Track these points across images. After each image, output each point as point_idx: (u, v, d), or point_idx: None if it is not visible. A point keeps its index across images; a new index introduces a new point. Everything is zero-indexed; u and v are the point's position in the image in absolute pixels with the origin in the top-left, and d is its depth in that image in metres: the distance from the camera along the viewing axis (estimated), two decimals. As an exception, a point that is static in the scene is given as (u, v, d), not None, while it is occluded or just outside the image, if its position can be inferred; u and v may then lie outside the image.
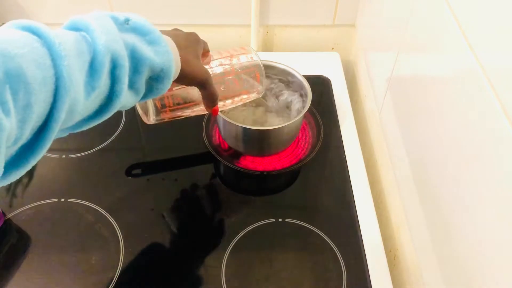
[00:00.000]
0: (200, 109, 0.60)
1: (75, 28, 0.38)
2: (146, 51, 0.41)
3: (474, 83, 0.42)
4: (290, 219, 0.67)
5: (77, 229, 0.65)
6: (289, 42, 1.01)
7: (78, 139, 0.78)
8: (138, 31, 0.42)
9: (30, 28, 0.33)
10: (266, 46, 1.02)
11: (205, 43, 0.56)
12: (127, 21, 0.41)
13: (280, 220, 0.67)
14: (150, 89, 0.44)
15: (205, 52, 0.57)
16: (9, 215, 0.66)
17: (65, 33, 0.36)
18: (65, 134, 0.39)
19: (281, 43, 1.01)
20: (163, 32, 0.46)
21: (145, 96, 0.44)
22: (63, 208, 0.68)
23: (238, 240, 0.64)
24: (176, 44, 0.46)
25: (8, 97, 0.29)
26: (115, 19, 0.41)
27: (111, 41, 0.37)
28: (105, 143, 0.77)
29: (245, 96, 0.64)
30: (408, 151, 0.62)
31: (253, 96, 0.65)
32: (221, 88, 0.61)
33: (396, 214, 0.69)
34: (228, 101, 0.63)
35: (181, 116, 0.60)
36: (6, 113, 0.28)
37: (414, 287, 0.61)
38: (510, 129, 0.36)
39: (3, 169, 0.30)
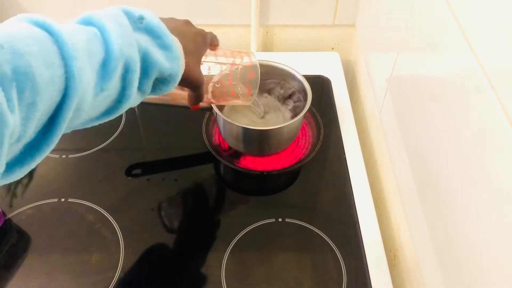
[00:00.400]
0: (182, 102, 0.61)
1: (88, 23, 0.38)
2: (157, 55, 0.41)
3: (474, 83, 0.42)
4: (290, 219, 0.67)
5: (77, 229, 0.65)
6: (289, 42, 1.01)
7: (78, 139, 0.78)
8: (151, 32, 0.41)
9: (43, 25, 0.33)
10: (266, 46, 1.02)
11: (213, 38, 0.56)
12: (141, 19, 0.41)
13: (280, 220, 0.67)
14: (154, 88, 0.44)
15: (214, 46, 0.57)
16: (9, 215, 0.66)
17: (78, 31, 0.36)
18: (68, 131, 0.39)
19: (281, 43, 1.01)
20: (173, 28, 0.46)
21: (148, 94, 0.44)
22: (63, 208, 0.68)
23: (238, 240, 0.64)
24: (183, 46, 0.45)
25: (14, 95, 0.29)
26: (129, 15, 0.40)
27: (126, 45, 0.37)
28: (105, 143, 0.77)
29: (232, 100, 0.65)
30: (408, 151, 0.62)
31: (239, 102, 0.65)
32: (216, 85, 0.61)
33: (396, 214, 0.69)
34: (214, 100, 0.64)
35: (161, 100, 0.62)
36: (11, 110, 0.28)
37: (414, 287, 0.61)
38: (510, 129, 0.36)
39: (4, 166, 0.30)
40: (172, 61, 0.42)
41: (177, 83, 0.45)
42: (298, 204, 0.70)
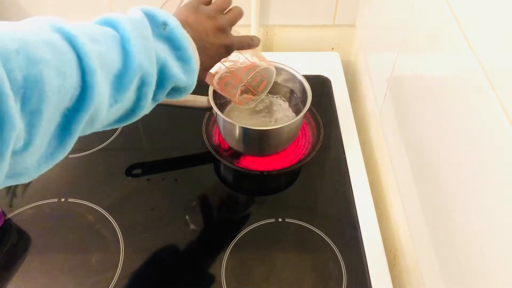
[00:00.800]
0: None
1: (110, 26, 0.37)
2: (175, 67, 0.40)
3: (474, 83, 0.42)
4: (290, 219, 0.67)
5: (77, 229, 0.65)
6: (289, 42, 1.01)
7: (78, 139, 0.78)
8: (172, 42, 0.41)
9: (66, 34, 0.33)
10: (266, 46, 1.02)
11: (244, 44, 0.53)
12: (164, 25, 0.40)
13: (280, 220, 0.67)
14: (166, 95, 0.44)
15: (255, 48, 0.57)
16: (9, 215, 0.66)
17: (97, 40, 0.35)
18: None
19: (281, 43, 1.01)
20: (200, 34, 0.45)
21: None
22: (63, 208, 0.68)
23: (238, 240, 0.64)
24: (200, 61, 0.44)
25: (19, 100, 0.28)
26: (152, 20, 0.40)
27: (145, 59, 0.37)
28: (105, 143, 0.77)
29: (231, 93, 0.64)
30: (408, 151, 0.62)
31: (234, 99, 0.65)
32: (219, 80, 0.61)
33: (396, 214, 0.69)
34: (217, 86, 0.63)
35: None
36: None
37: (414, 287, 0.61)
38: (510, 129, 0.36)
39: (7, 168, 0.29)
40: (188, 74, 0.42)
41: (190, 93, 0.45)
42: (298, 204, 0.70)
